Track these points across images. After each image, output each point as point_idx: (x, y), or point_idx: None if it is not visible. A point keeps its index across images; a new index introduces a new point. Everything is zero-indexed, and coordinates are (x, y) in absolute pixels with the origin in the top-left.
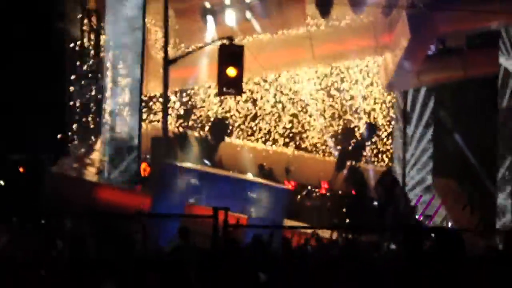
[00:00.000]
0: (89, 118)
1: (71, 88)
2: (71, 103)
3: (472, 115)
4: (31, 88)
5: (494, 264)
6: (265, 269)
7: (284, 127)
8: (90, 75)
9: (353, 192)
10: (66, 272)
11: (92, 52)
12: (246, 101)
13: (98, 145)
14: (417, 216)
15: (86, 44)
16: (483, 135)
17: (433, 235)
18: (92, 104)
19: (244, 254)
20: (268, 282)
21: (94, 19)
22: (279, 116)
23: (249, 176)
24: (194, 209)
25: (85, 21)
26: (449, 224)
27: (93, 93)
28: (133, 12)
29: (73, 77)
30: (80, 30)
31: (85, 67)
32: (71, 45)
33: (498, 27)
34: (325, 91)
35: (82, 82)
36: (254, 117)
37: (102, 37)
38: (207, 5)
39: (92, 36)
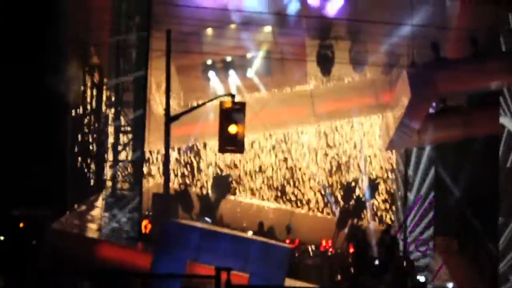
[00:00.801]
0: (91, 174)
1: (74, 145)
2: (73, 158)
3: (474, 174)
4: (34, 144)
5: None
6: None
7: (284, 185)
8: (92, 131)
9: (353, 250)
10: None
11: (95, 107)
12: (248, 158)
13: (99, 202)
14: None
15: (88, 100)
16: (484, 194)
17: None
18: (94, 160)
19: None
20: None
21: (96, 75)
22: (280, 174)
23: (250, 234)
24: (196, 268)
25: (88, 76)
26: (451, 285)
27: (94, 149)
28: (135, 69)
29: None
30: (82, 86)
31: (87, 122)
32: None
33: (498, 86)
34: (326, 149)
35: (84, 138)
36: (256, 175)
37: (104, 93)
38: (209, 62)
39: (94, 92)
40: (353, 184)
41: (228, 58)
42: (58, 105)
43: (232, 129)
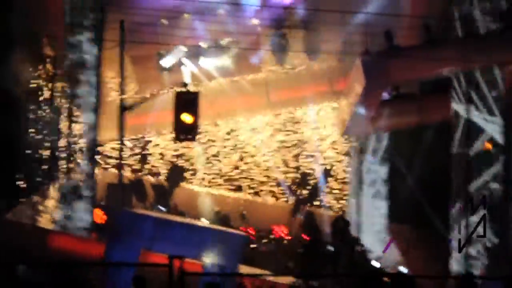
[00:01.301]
0: (44, 165)
1: (26, 134)
2: (26, 149)
3: (427, 161)
4: None
5: None
6: None
7: (239, 173)
8: (45, 121)
9: (306, 237)
10: None
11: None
12: (201, 147)
13: (52, 192)
14: (372, 261)
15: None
16: (437, 181)
17: (388, 280)
18: (47, 151)
19: None
20: None
21: (49, 66)
22: (235, 162)
23: (204, 222)
24: (150, 257)
25: (41, 66)
26: (403, 270)
27: (48, 139)
28: (89, 59)
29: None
30: (35, 76)
31: (40, 113)
32: (26, 90)
33: (450, 73)
34: (280, 136)
35: (37, 128)
36: (210, 163)
37: (58, 84)
38: (163, 52)
39: (47, 83)
40: (308, 171)
41: (183, 48)
42: (10, 97)
43: (187, 118)
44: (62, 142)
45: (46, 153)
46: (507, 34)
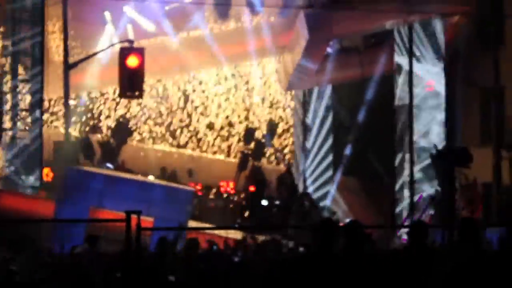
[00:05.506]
0: None
1: None
2: None
3: (370, 113)
4: None
5: (399, 260)
6: (173, 271)
7: (186, 129)
8: None
9: (252, 190)
10: None
11: None
12: (148, 103)
13: None
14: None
15: None
16: (381, 133)
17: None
18: None
19: (151, 256)
20: (177, 283)
21: None
22: (181, 118)
23: (151, 179)
24: (99, 214)
25: None
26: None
27: None
28: (31, 16)
29: None
30: None
31: None
32: None
33: (391, 26)
34: (226, 92)
35: None
36: (156, 119)
37: (0, 43)
38: (107, 9)
39: None
40: (253, 126)
41: (127, 4)
42: None
43: (132, 74)
44: (7, 101)
45: None
46: None
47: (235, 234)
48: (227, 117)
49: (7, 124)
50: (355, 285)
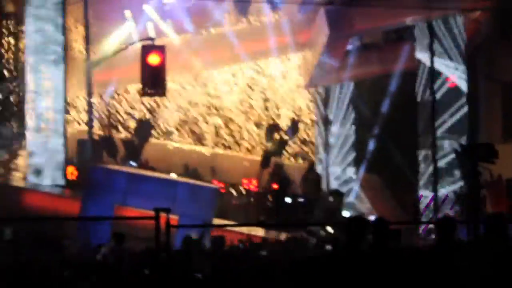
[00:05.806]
0: (13, 123)
1: None
2: None
3: (393, 109)
4: None
5: (427, 256)
6: (200, 269)
7: (208, 127)
8: (11, 79)
9: (276, 187)
10: None
11: (12, 56)
12: (171, 102)
13: (22, 150)
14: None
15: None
16: (405, 130)
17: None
18: (15, 109)
19: (177, 254)
20: (204, 281)
21: (12, 23)
22: (203, 116)
23: (174, 176)
24: (123, 212)
25: (3, 24)
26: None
27: (15, 97)
28: (53, 15)
29: None
30: None
31: (5, 72)
32: None
33: (412, 22)
34: (248, 90)
35: (4, 86)
36: (179, 118)
37: (22, 41)
38: (128, 6)
39: (11, 40)
40: (275, 123)
41: (149, 2)
42: None
43: (153, 72)
44: (30, 100)
45: (14, 111)
46: None
47: (260, 232)
48: (248, 115)
49: (30, 123)
50: (384, 282)
